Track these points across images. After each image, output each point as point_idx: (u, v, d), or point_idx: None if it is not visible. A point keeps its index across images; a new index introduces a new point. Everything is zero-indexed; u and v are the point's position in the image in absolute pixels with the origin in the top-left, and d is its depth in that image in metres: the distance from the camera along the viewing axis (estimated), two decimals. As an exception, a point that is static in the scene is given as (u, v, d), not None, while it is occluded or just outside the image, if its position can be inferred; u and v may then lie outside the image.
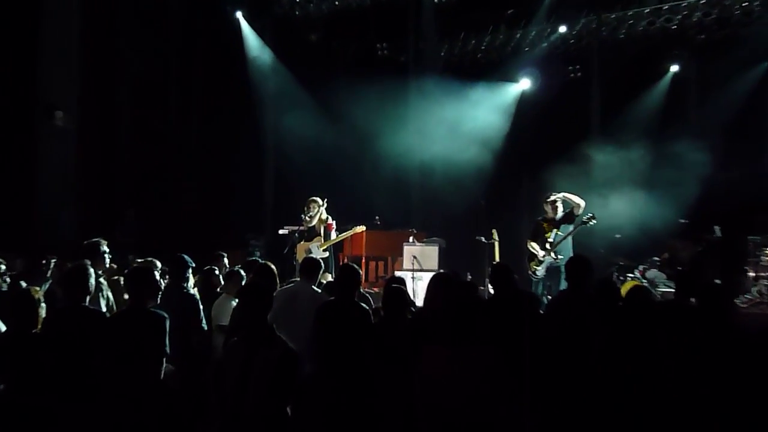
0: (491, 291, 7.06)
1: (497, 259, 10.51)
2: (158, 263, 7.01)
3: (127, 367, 4.77)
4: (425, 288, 5.92)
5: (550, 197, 10.05)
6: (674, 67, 14.92)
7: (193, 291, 6.49)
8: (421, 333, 5.05)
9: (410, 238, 12.04)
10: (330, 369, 5.58)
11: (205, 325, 6.28)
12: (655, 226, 11.90)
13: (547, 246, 9.80)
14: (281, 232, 12.30)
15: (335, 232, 11.34)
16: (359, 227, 11.49)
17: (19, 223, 11.60)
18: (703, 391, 4.70)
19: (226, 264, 8.79)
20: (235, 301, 6.04)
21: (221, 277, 7.57)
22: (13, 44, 11.94)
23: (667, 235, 12.10)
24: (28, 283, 6.19)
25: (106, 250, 6.74)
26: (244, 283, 6.66)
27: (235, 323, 6.02)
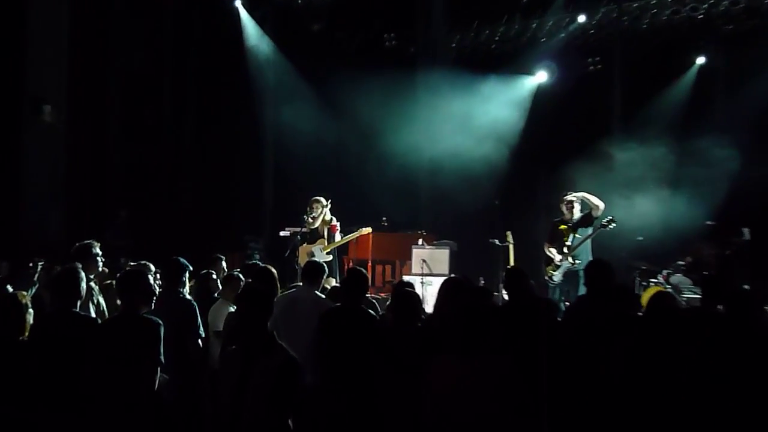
0: (505, 297, 7.06)
1: (512, 263, 10.51)
2: (152, 267, 7.03)
3: (120, 377, 4.78)
4: (435, 294, 5.92)
5: (566, 197, 10.05)
6: (700, 59, 14.84)
7: (189, 296, 6.51)
8: (430, 342, 5.06)
9: (419, 241, 12.05)
10: (334, 380, 5.59)
11: (202, 332, 6.30)
12: (680, 228, 11.86)
13: (565, 250, 9.79)
14: (282, 234, 12.34)
15: (339, 234, 11.35)
16: (365, 229, 11.51)
17: (5, 224, 11.66)
18: (730, 405, 4.69)
19: (224, 267, 8.80)
20: (233, 307, 6.05)
21: (219, 282, 7.59)
22: (-2, 35, 12.01)
23: (692, 238, 12.07)
24: (14, 288, 6.21)
25: (99, 253, 6.76)
26: (243, 288, 6.67)
27: (232, 330, 6.02)
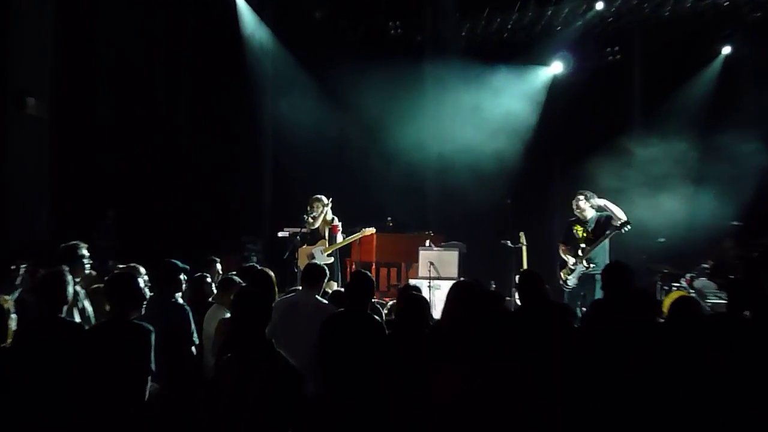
0: (518, 302, 7.05)
1: (525, 265, 10.50)
2: (142, 269, 7.04)
3: (108, 387, 4.78)
4: (443, 298, 5.92)
5: (579, 196, 10.06)
6: (726, 49, 14.78)
7: (181, 301, 6.51)
8: (438, 349, 5.06)
9: (426, 242, 12.05)
10: (337, 389, 5.59)
11: (196, 339, 6.30)
12: (704, 229, 11.84)
13: (580, 252, 9.78)
14: (281, 234, 12.34)
15: (341, 235, 11.35)
16: (368, 229, 11.51)
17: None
18: (758, 416, 4.68)
19: (219, 270, 8.81)
20: (229, 313, 6.05)
21: (213, 286, 7.59)
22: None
23: (718, 239, 12.02)
24: (-4, 292, 6.22)
25: (86, 255, 6.76)
26: (239, 292, 6.66)
27: (228, 337, 6.03)
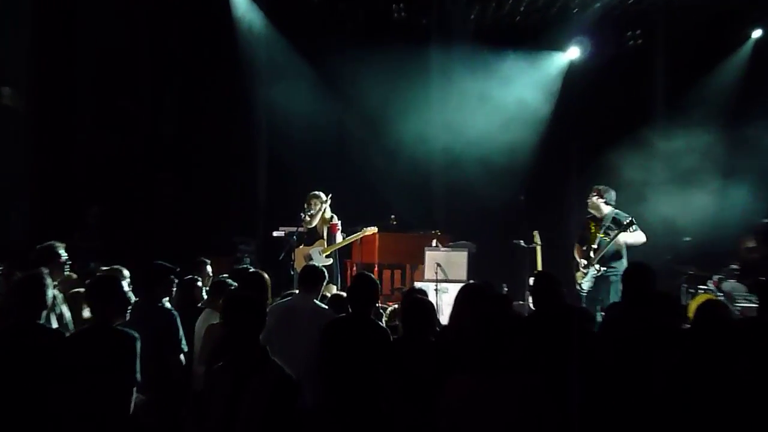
0: (532, 306, 7.05)
1: (539, 267, 10.51)
2: (126, 272, 7.05)
3: (90, 398, 4.79)
4: (451, 303, 5.92)
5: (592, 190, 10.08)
6: (756, 32, 14.74)
7: (169, 305, 6.52)
8: (445, 357, 5.06)
9: (433, 242, 12.03)
10: (338, 401, 5.59)
11: (185, 347, 6.31)
12: (733, 227, 11.81)
13: (591, 254, 9.79)
14: (276, 234, 12.34)
15: (341, 235, 11.37)
16: (370, 228, 11.51)
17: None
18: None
19: (210, 273, 8.83)
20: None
21: (204, 290, 7.60)
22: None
23: (739, 238, 11.98)
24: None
25: (64, 256, 6.77)
26: (230, 296, 6.67)
27: (219, 345, 6.03)
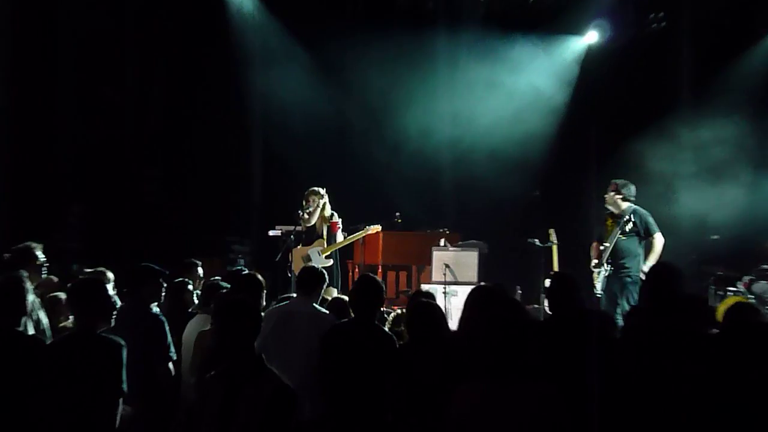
0: (548, 309, 7.05)
1: (556, 267, 10.51)
2: (110, 275, 7.06)
3: (74, 410, 4.80)
4: (460, 306, 5.92)
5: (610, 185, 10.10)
6: (789, 15, 14.78)
7: (156, 310, 6.53)
8: (455, 365, 5.06)
9: (441, 241, 12.04)
10: (340, 412, 5.60)
11: (174, 355, 6.31)
12: (765, 225, 11.81)
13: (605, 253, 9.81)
14: (272, 233, 12.33)
15: (342, 234, 11.36)
16: (373, 227, 11.51)
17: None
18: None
19: (201, 275, 8.84)
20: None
21: (195, 293, 7.61)
22: None
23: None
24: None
25: (42, 257, 6.78)
26: (223, 299, 6.68)
27: (211, 352, 6.04)
